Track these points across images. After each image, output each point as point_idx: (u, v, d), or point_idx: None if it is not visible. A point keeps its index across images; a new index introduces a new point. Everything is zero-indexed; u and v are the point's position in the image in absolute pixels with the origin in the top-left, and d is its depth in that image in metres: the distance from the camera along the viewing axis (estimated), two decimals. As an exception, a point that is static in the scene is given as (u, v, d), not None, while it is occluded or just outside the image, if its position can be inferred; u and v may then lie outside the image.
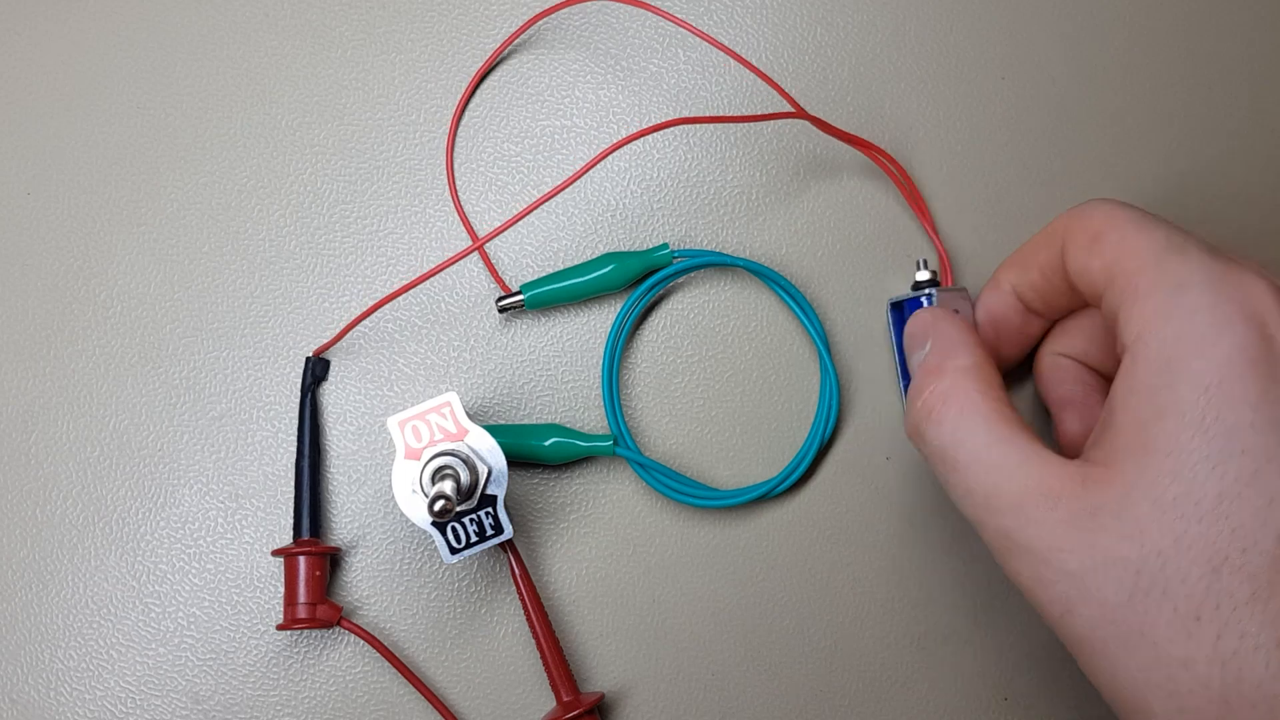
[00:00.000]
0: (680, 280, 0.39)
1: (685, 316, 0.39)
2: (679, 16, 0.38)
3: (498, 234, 0.35)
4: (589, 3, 0.40)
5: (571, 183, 0.35)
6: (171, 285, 0.39)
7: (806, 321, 0.38)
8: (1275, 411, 0.25)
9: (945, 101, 0.40)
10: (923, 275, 0.37)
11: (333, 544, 0.37)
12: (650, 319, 0.39)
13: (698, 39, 0.39)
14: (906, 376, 0.37)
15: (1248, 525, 0.25)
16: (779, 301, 0.39)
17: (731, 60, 0.36)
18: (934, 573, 0.38)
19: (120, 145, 0.40)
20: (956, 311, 0.35)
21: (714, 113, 0.40)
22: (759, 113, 0.37)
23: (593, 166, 0.35)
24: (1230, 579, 0.25)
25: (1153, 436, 0.26)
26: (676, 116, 0.37)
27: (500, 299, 0.38)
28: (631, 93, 0.40)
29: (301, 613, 0.35)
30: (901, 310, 0.37)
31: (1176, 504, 0.25)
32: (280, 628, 0.35)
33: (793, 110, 0.36)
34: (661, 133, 0.40)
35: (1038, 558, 0.27)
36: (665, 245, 0.38)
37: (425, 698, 0.36)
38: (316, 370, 0.38)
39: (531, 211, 0.35)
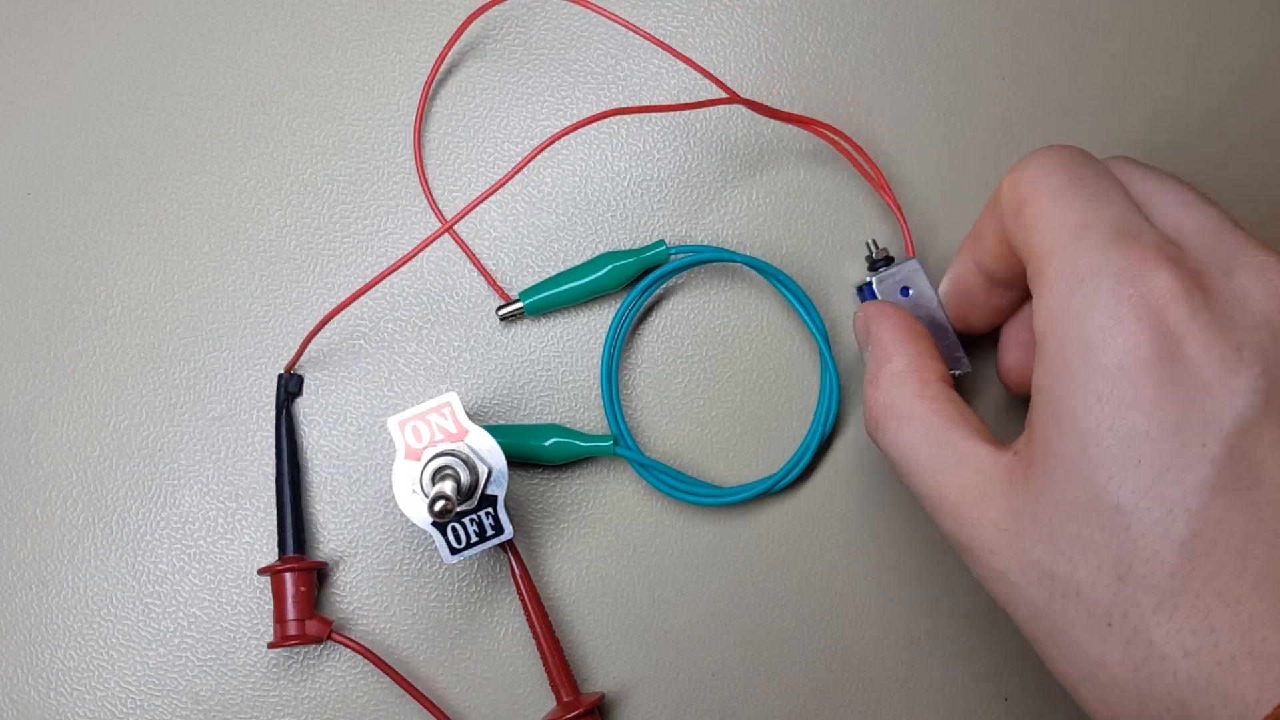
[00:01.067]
0: (678, 279, 0.39)
1: (684, 314, 0.39)
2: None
3: (466, 213, 0.35)
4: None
5: (524, 165, 0.35)
6: (171, 285, 0.39)
7: (806, 315, 0.38)
8: (1171, 414, 0.24)
9: (945, 102, 0.40)
10: (876, 255, 0.37)
11: (322, 555, 0.37)
12: (649, 318, 0.39)
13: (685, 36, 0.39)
14: None
15: (1149, 536, 0.24)
16: (778, 296, 0.39)
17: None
18: (934, 573, 0.38)
19: (120, 145, 0.40)
20: (906, 289, 0.35)
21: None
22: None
23: (536, 155, 0.35)
24: (1135, 589, 0.24)
25: (1055, 444, 0.26)
26: (614, 108, 0.36)
27: (501, 307, 0.38)
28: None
29: (291, 629, 0.35)
30: (864, 294, 0.37)
31: (1081, 512, 0.25)
32: (271, 645, 0.35)
33: (726, 96, 0.36)
34: (661, 131, 0.40)
35: (976, 558, 0.28)
36: (661, 242, 0.38)
37: (421, 704, 0.36)
38: (290, 386, 0.38)
39: (496, 191, 0.35)
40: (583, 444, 0.37)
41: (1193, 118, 0.40)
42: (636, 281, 0.38)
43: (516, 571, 0.35)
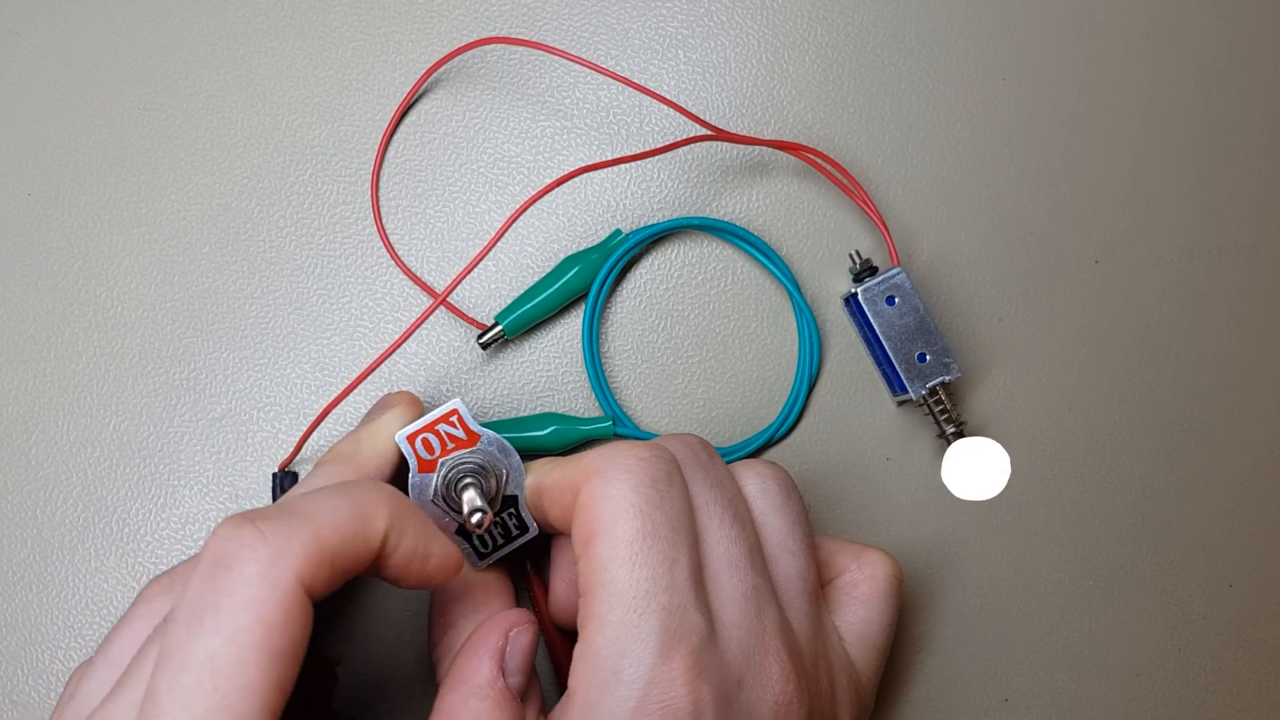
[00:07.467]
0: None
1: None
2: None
3: (455, 286, 0.35)
4: (489, 46, 0.40)
5: (507, 228, 0.36)
6: (171, 285, 0.39)
7: (771, 265, 0.38)
8: None
9: (945, 102, 0.40)
10: (860, 266, 0.38)
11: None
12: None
13: (694, 51, 0.39)
14: (883, 364, 0.37)
15: None
16: (743, 256, 0.39)
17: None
18: (934, 572, 0.38)
19: (120, 145, 0.40)
20: (892, 298, 0.36)
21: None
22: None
23: (520, 214, 0.37)
24: None
25: None
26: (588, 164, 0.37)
27: (480, 336, 0.37)
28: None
29: None
30: (850, 306, 0.38)
31: None
32: None
33: (709, 133, 0.36)
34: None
35: None
36: (618, 231, 0.38)
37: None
38: (285, 484, 0.36)
39: (480, 260, 0.36)
40: (583, 428, 0.37)
41: (1194, 116, 0.40)
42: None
43: (529, 566, 0.35)
